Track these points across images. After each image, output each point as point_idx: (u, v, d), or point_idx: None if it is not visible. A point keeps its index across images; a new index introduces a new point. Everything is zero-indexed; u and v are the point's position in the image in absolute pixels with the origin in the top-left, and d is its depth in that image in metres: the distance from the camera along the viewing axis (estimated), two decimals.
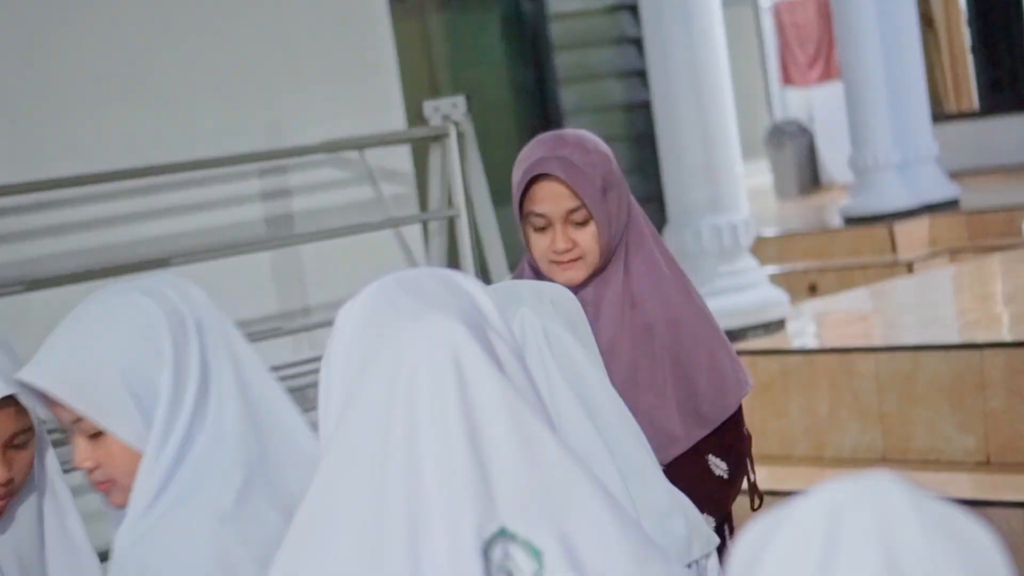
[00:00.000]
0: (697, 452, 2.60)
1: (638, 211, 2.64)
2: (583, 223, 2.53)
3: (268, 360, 3.92)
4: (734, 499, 2.72)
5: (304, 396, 4.08)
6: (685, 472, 2.49)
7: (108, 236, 3.91)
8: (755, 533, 1.08)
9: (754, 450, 2.76)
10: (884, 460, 5.18)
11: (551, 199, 2.51)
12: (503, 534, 1.39)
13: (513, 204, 2.57)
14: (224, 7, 4.12)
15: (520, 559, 1.38)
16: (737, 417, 2.66)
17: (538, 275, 2.63)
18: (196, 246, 3.85)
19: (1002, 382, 4.89)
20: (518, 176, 2.54)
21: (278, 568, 1.47)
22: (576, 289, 2.57)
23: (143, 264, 3.65)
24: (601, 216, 2.51)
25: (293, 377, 3.92)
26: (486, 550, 1.38)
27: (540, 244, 2.56)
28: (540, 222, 2.54)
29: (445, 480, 1.38)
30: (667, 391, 2.57)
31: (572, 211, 2.51)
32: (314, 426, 1.64)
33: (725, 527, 2.70)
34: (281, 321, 4.12)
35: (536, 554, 1.39)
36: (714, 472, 2.64)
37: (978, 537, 1.05)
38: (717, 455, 2.64)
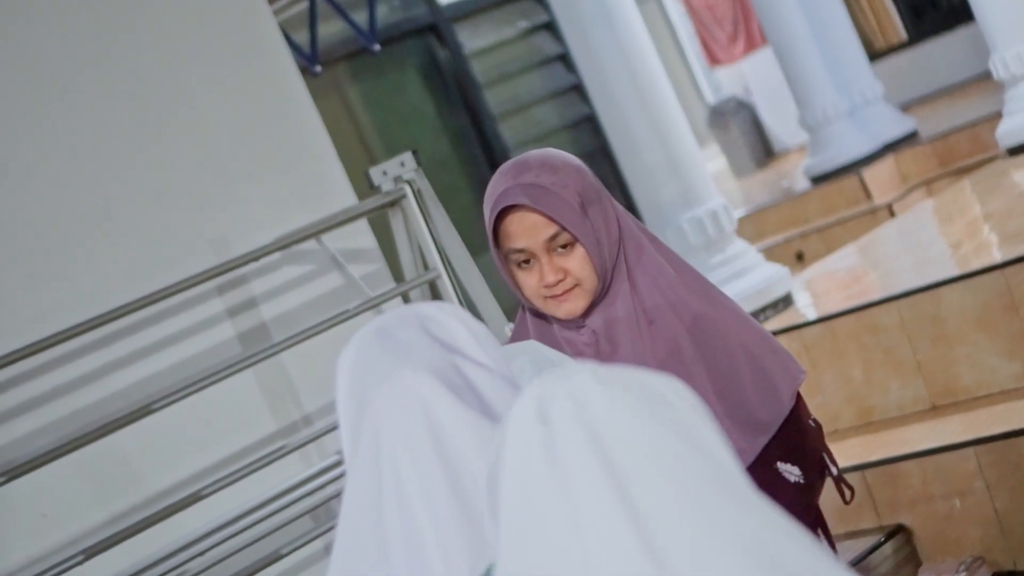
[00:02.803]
0: (763, 463, 2.31)
1: (628, 219, 2.36)
2: (568, 247, 2.25)
3: (280, 482, 3.66)
4: (816, 501, 2.44)
5: (328, 510, 3.78)
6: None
7: (80, 399, 3.62)
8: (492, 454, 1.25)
9: None
10: (934, 409, 4.92)
11: (527, 231, 2.23)
12: (493, 569, 1.42)
13: (490, 245, 2.29)
14: (137, 131, 3.86)
15: None
16: (797, 412, 2.38)
17: (537, 315, 2.36)
18: (174, 384, 3.56)
19: None
20: (487, 214, 2.27)
21: None
22: (581, 319, 2.31)
23: (124, 419, 3.37)
24: (586, 236, 2.23)
25: (310, 494, 3.63)
26: None
27: (529, 282, 2.28)
28: (522, 257, 2.26)
29: (437, 528, 1.48)
30: (713, 406, 2.28)
31: (553, 238, 2.23)
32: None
33: (819, 532, 2.44)
34: (283, 438, 3.84)
35: None
36: (788, 480, 2.35)
37: (661, 389, 1.21)
38: (785, 460, 2.35)
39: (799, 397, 2.39)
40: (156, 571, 3.33)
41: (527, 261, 2.26)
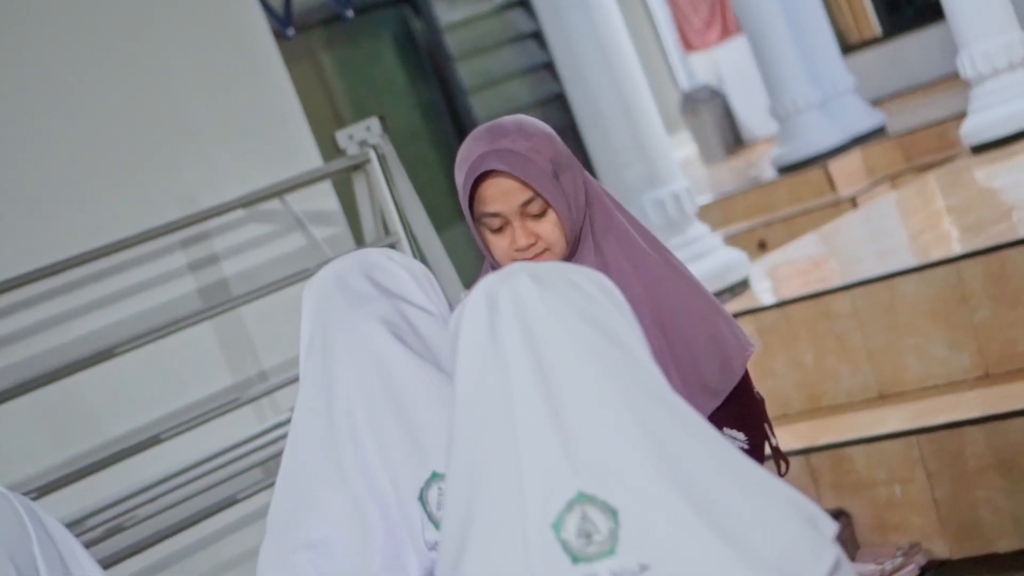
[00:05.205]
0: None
1: (597, 187, 2.44)
2: (541, 214, 2.31)
3: (232, 435, 3.72)
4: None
5: (275, 466, 3.85)
6: None
7: (41, 343, 3.67)
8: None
9: None
10: (881, 397, 5.01)
11: (501, 196, 2.29)
12: (435, 477, 1.81)
13: (463, 208, 2.36)
14: (109, 82, 3.90)
15: None
16: (745, 382, 2.47)
17: None
18: (135, 332, 3.61)
19: (983, 291, 4.73)
20: (461, 178, 2.32)
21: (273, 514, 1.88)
22: None
23: (84, 362, 3.42)
24: (558, 202, 2.30)
25: (262, 448, 3.69)
26: (423, 493, 1.81)
27: (500, 245, 2.35)
28: (495, 222, 2.33)
29: (383, 452, 1.81)
30: (669, 369, 2.37)
31: (526, 203, 2.29)
32: None
33: None
34: (238, 391, 3.89)
35: None
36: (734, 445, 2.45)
37: (583, 283, 1.51)
38: (732, 426, 2.44)
39: (747, 371, 2.48)
40: (109, 514, 3.39)
41: (500, 227, 2.33)
